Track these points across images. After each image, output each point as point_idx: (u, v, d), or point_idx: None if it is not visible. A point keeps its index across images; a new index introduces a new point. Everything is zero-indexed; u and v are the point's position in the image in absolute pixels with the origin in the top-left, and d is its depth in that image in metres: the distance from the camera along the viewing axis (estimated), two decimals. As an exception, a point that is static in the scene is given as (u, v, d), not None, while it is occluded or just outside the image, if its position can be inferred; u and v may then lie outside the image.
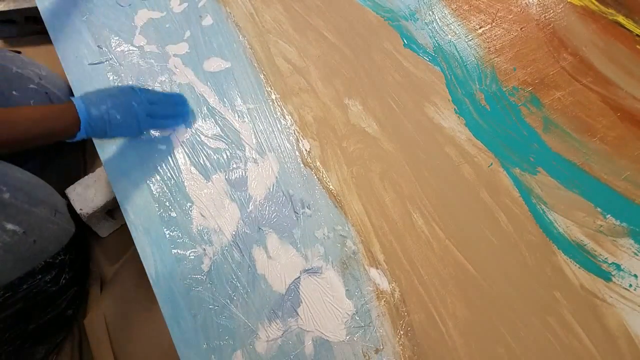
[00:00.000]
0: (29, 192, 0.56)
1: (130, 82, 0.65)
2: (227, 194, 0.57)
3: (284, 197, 0.57)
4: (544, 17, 0.78)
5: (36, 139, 0.47)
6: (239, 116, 0.64)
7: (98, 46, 0.68)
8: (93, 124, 0.49)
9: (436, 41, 0.74)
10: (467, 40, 0.74)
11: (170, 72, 0.67)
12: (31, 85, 0.67)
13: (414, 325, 0.50)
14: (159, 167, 0.58)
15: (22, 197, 0.54)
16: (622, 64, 0.72)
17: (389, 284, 0.52)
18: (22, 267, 0.57)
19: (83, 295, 0.70)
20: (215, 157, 0.60)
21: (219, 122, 0.63)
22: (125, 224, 0.54)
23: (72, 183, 0.67)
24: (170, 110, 0.58)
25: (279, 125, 0.64)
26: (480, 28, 0.76)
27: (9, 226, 0.52)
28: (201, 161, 0.59)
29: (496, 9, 0.79)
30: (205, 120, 0.63)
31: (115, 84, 0.65)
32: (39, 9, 0.73)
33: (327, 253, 0.54)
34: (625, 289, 0.53)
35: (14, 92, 0.64)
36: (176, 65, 0.68)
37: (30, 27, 0.95)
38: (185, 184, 0.57)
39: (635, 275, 0.54)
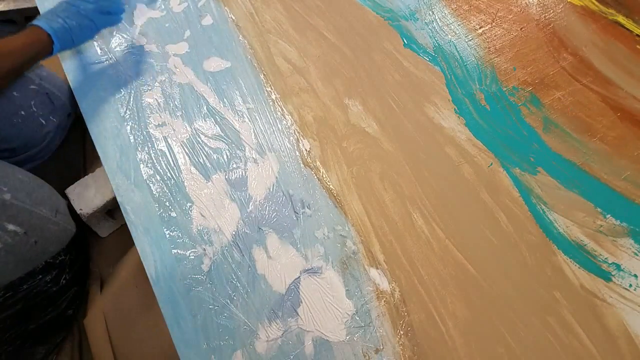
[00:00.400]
0: (30, 193, 0.56)
1: (130, 79, 0.65)
2: (227, 194, 0.57)
3: (284, 197, 0.57)
4: (544, 17, 0.78)
5: (23, 66, 0.56)
6: (238, 116, 0.64)
7: (98, 46, 0.68)
8: (60, 36, 0.57)
9: (436, 41, 0.74)
10: (467, 40, 0.74)
11: (170, 71, 0.67)
12: (32, 86, 0.66)
13: (414, 325, 0.50)
14: (159, 167, 0.58)
15: (23, 198, 0.54)
16: (622, 64, 0.72)
17: (389, 284, 0.52)
18: (23, 267, 0.57)
19: (83, 295, 0.70)
20: (215, 157, 0.60)
21: (219, 122, 0.63)
22: (125, 224, 0.54)
23: (72, 183, 0.67)
24: (109, 3, 0.63)
25: (279, 125, 0.64)
26: (480, 28, 0.76)
27: (10, 227, 0.52)
28: (201, 161, 0.59)
29: (496, 9, 0.79)
30: (205, 120, 0.63)
31: (115, 82, 0.65)
32: (39, 9, 0.73)
33: (327, 253, 0.54)
34: (625, 289, 0.53)
35: (14, 93, 0.64)
36: (176, 64, 0.68)
37: (30, 27, 0.95)
38: (185, 184, 0.57)
39: (635, 275, 0.54)
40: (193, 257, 0.52)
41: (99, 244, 0.76)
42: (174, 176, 0.58)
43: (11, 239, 0.52)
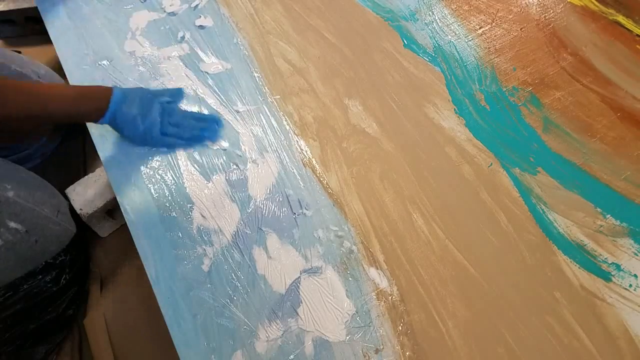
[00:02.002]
0: (33, 192, 0.56)
1: (130, 79, 0.65)
2: (228, 195, 0.57)
3: (284, 198, 0.57)
4: (544, 17, 0.78)
5: (56, 116, 0.51)
6: (239, 117, 0.64)
7: (98, 47, 0.68)
8: (118, 118, 0.54)
9: (436, 41, 0.74)
10: (467, 41, 0.74)
11: (170, 73, 0.67)
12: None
13: (414, 325, 0.50)
14: (159, 168, 0.58)
15: (26, 196, 0.54)
16: (622, 64, 0.72)
17: (389, 284, 0.52)
18: (23, 266, 0.57)
19: (83, 295, 0.70)
20: (215, 158, 0.60)
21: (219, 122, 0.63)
22: (125, 224, 0.54)
23: (72, 183, 0.67)
24: (190, 135, 0.59)
25: (279, 126, 0.64)
26: (480, 28, 0.76)
27: (12, 224, 0.52)
28: (201, 162, 0.59)
29: (496, 9, 0.79)
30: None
31: (115, 82, 0.65)
32: (39, 9, 0.73)
33: (327, 253, 0.54)
34: (625, 289, 0.53)
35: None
36: (176, 66, 0.68)
37: (30, 27, 0.95)
38: (186, 184, 0.57)
39: (635, 275, 0.54)
40: (193, 258, 0.52)
41: (99, 244, 0.76)
42: (174, 176, 0.58)
43: (12, 236, 0.53)
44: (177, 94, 0.62)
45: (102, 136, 0.60)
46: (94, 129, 0.61)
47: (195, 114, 0.61)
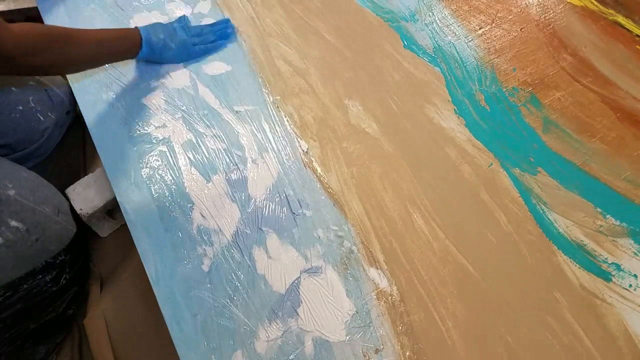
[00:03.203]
0: (34, 191, 0.56)
1: (131, 80, 0.65)
2: (228, 195, 0.57)
3: (284, 198, 0.57)
4: (544, 17, 0.78)
5: (109, 56, 0.60)
6: (239, 117, 0.64)
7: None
8: (153, 46, 0.63)
9: (436, 42, 0.74)
10: (467, 41, 0.75)
11: (171, 74, 0.67)
12: (30, 82, 0.67)
13: (414, 325, 0.50)
14: (159, 168, 0.58)
15: (26, 195, 0.54)
16: (622, 64, 0.73)
17: (389, 284, 0.52)
18: (22, 266, 0.57)
19: (83, 295, 0.70)
20: (215, 158, 0.60)
21: (220, 123, 0.63)
22: (125, 224, 0.54)
23: (72, 183, 0.67)
24: (212, 38, 0.70)
25: (279, 126, 0.64)
26: (480, 29, 0.76)
27: (13, 223, 0.52)
28: (201, 162, 0.59)
29: (496, 10, 0.79)
30: (205, 122, 0.63)
31: (116, 82, 0.65)
32: (39, 9, 0.73)
33: (327, 253, 0.54)
34: (625, 289, 0.53)
35: (12, 89, 0.64)
36: (177, 67, 0.68)
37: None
38: (186, 184, 0.57)
39: (635, 275, 0.54)
40: (193, 258, 0.52)
41: (99, 244, 0.76)
42: (175, 177, 0.58)
43: (13, 235, 0.53)
44: (183, 18, 0.71)
45: (102, 136, 0.61)
46: (94, 128, 0.61)
47: (207, 24, 0.72)
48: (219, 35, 0.71)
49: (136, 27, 0.62)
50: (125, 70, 0.67)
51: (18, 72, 0.52)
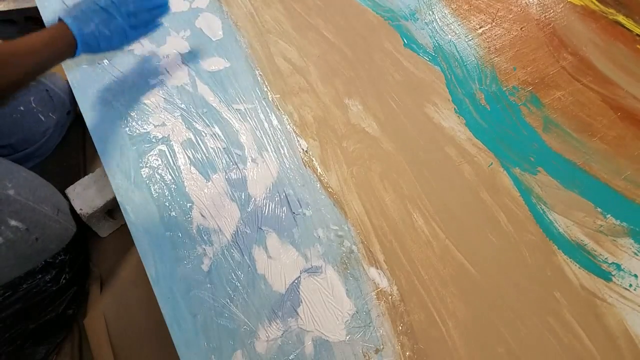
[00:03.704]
0: (34, 190, 0.56)
1: (130, 78, 0.65)
2: (227, 194, 0.57)
3: (284, 197, 0.57)
4: (544, 16, 0.78)
5: (48, 65, 0.51)
6: (238, 116, 0.64)
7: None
8: (87, 40, 0.53)
9: (436, 41, 0.74)
10: (467, 40, 0.74)
11: (169, 71, 0.67)
12: (31, 83, 0.67)
13: (414, 325, 0.50)
14: (159, 167, 0.58)
15: (26, 195, 0.54)
16: (622, 63, 0.72)
17: (389, 284, 0.52)
18: (22, 265, 0.57)
19: (83, 295, 0.70)
20: (215, 157, 0.60)
21: (219, 122, 0.63)
22: (125, 224, 0.54)
23: (72, 183, 0.67)
24: (149, 16, 0.60)
25: (279, 125, 0.64)
26: (480, 28, 0.76)
27: (13, 222, 0.52)
28: (201, 161, 0.59)
29: (496, 9, 0.79)
30: (204, 120, 0.63)
31: (115, 82, 0.65)
32: (39, 9, 0.73)
33: (327, 253, 0.54)
34: (625, 289, 0.53)
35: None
36: (176, 64, 0.68)
37: (30, 27, 0.95)
38: (185, 184, 0.57)
39: (635, 275, 0.54)
40: (193, 257, 0.52)
41: (99, 244, 0.75)
42: (174, 176, 0.58)
43: (12, 234, 0.52)
44: None
45: (102, 136, 0.60)
46: (94, 128, 0.61)
47: None
48: (156, 14, 0.61)
49: (61, 21, 0.53)
50: (125, 69, 0.66)
51: None
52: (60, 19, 0.53)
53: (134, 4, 0.59)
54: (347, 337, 0.49)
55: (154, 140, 0.61)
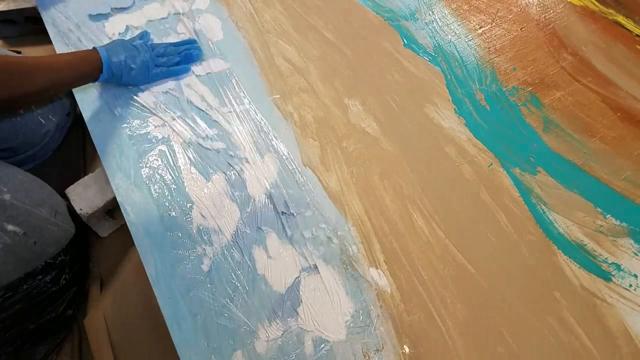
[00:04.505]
0: (30, 193, 0.56)
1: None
2: (227, 194, 0.57)
3: (284, 197, 0.57)
4: (544, 17, 0.78)
5: (68, 82, 0.56)
6: (238, 116, 0.64)
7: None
8: (113, 69, 0.59)
9: (436, 41, 0.74)
10: (467, 40, 0.74)
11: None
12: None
13: (414, 325, 0.50)
14: (158, 167, 0.58)
15: (22, 198, 0.54)
16: (622, 64, 0.72)
17: (389, 284, 0.52)
18: (22, 268, 0.57)
19: (83, 295, 0.70)
20: (215, 158, 0.60)
21: (219, 122, 0.63)
22: (125, 224, 0.54)
23: (72, 183, 0.67)
24: (177, 58, 0.66)
25: (279, 125, 0.64)
26: (480, 28, 0.76)
27: (10, 227, 0.52)
28: (201, 161, 0.59)
29: (496, 9, 0.79)
30: (205, 121, 0.63)
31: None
32: (39, 9, 0.73)
33: (327, 253, 0.54)
34: (625, 289, 0.53)
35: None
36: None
37: (30, 27, 0.95)
38: (185, 184, 0.57)
39: (635, 275, 0.54)
40: (193, 257, 0.52)
41: (99, 244, 0.75)
42: (174, 176, 0.58)
43: (10, 239, 0.52)
44: (145, 34, 0.68)
45: (102, 136, 0.60)
46: (94, 129, 0.61)
47: (171, 43, 0.68)
48: (183, 57, 0.66)
49: (94, 48, 0.59)
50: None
51: None
52: (94, 48, 0.59)
53: (165, 47, 0.66)
54: (347, 337, 0.49)
55: (154, 140, 0.61)
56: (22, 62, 0.49)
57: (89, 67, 0.57)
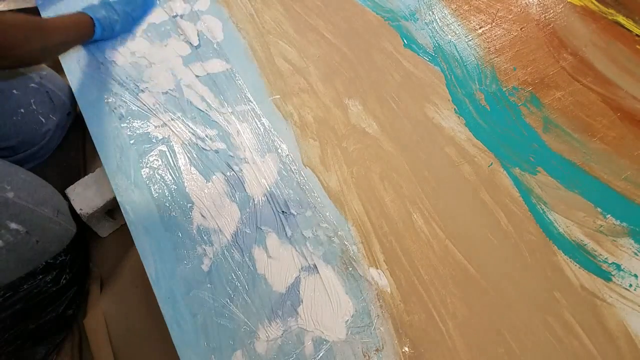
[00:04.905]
0: (33, 192, 0.56)
1: (130, 79, 0.65)
2: (227, 194, 0.57)
3: (284, 197, 0.57)
4: (544, 17, 0.78)
5: (75, 40, 0.62)
6: (238, 117, 0.64)
7: (99, 47, 0.68)
8: (103, 25, 0.65)
9: (436, 41, 0.74)
10: (467, 40, 0.74)
11: (170, 72, 0.67)
12: (32, 84, 0.67)
13: (414, 325, 0.50)
14: (159, 167, 0.58)
15: (25, 197, 0.54)
16: (622, 64, 0.72)
17: (389, 284, 0.52)
18: (23, 267, 0.57)
19: (83, 295, 0.70)
20: (215, 158, 0.60)
21: (219, 122, 0.63)
22: (125, 224, 0.54)
23: (72, 183, 0.67)
24: (140, 1, 0.71)
25: (278, 125, 0.64)
26: (480, 28, 0.76)
27: (13, 225, 0.52)
28: (201, 162, 0.59)
29: (496, 9, 0.79)
30: (205, 121, 0.63)
31: (115, 81, 0.65)
32: (39, 9, 0.73)
33: (327, 253, 0.54)
34: (625, 289, 0.53)
35: (14, 91, 0.64)
36: (176, 65, 0.68)
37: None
38: (185, 184, 0.57)
39: (635, 275, 0.54)
40: (193, 258, 0.52)
41: (99, 244, 0.76)
42: (174, 176, 0.58)
43: (13, 237, 0.52)
44: None
45: (102, 136, 0.60)
46: (94, 128, 0.61)
47: None
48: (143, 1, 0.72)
49: (79, 12, 0.63)
50: (125, 68, 0.67)
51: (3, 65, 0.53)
52: (78, 12, 0.63)
53: None
54: (347, 337, 0.49)
55: (154, 140, 0.61)
56: (42, 21, 0.55)
57: (85, 26, 0.63)
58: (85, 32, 0.63)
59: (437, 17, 0.77)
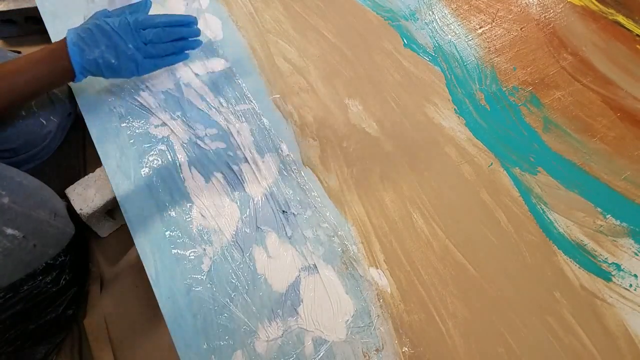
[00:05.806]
0: (29, 196, 0.56)
1: (129, 79, 0.65)
2: (227, 194, 0.57)
3: (284, 197, 0.57)
4: (544, 17, 0.78)
5: (36, 92, 0.47)
6: (238, 116, 0.64)
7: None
8: (87, 67, 0.48)
9: (436, 41, 0.74)
10: (467, 40, 0.74)
11: (169, 72, 0.67)
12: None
13: (414, 325, 0.50)
14: (159, 167, 0.58)
15: (21, 201, 0.54)
16: (622, 64, 0.72)
17: (389, 284, 0.52)
18: (22, 270, 0.57)
19: (83, 296, 0.70)
20: (215, 157, 0.60)
21: (219, 122, 0.63)
22: (125, 224, 0.54)
23: (72, 183, 0.67)
24: (171, 48, 0.52)
25: (278, 125, 0.64)
26: (480, 28, 0.76)
27: (9, 231, 0.52)
28: (201, 161, 0.59)
29: (496, 9, 0.79)
30: (204, 120, 0.63)
31: (115, 81, 0.65)
32: (39, 9, 0.73)
33: (327, 253, 0.54)
34: (625, 289, 0.53)
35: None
36: (176, 65, 0.68)
37: (30, 27, 0.95)
38: (185, 183, 0.57)
39: (635, 275, 0.54)
40: (193, 257, 0.52)
41: (99, 244, 0.75)
42: (174, 176, 0.58)
43: (10, 243, 0.52)
44: (140, 5, 0.53)
45: (102, 136, 0.60)
46: (94, 129, 0.61)
47: (167, 19, 0.52)
48: (179, 49, 0.54)
49: (63, 41, 0.46)
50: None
51: None
52: (64, 39, 0.47)
53: (155, 33, 0.50)
54: (347, 337, 0.49)
55: (154, 140, 0.61)
56: None
57: (59, 70, 0.46)
58: (57, 79, 0.47)
59: (437, 17, 0.77)
